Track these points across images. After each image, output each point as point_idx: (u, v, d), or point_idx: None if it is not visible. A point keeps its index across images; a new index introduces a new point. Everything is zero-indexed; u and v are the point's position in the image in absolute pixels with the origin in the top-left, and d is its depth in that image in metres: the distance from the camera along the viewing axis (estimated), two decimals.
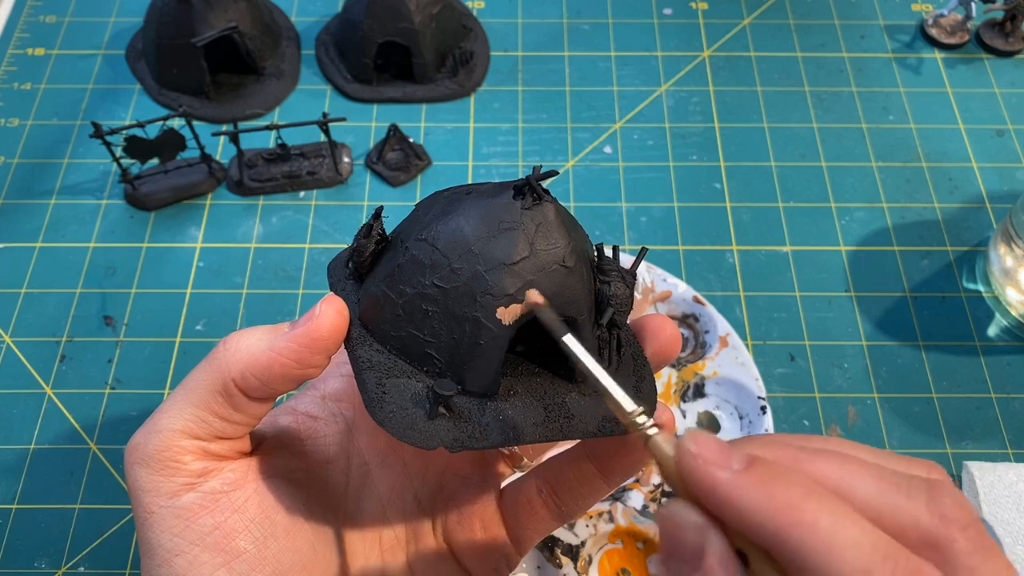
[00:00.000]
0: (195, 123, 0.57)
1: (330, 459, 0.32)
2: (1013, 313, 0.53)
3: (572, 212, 0.58)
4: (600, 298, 0.28)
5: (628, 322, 0.30)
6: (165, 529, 0.27)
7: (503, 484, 0.34)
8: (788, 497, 0.20)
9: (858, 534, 0.20)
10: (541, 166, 0.27)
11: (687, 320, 0.52)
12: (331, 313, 0.27)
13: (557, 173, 0.27)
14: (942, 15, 0.67)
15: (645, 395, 0.28)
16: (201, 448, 0.28)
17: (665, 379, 0.50)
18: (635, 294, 0.29)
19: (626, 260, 0.53)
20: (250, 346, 0.27)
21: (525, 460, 0.35)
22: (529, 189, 0.27)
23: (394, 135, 0.60)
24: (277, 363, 0.27)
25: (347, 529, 0.32)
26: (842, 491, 0.21)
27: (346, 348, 0.28)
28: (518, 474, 0.34)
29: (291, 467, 0.30)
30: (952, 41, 0.67)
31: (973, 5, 0.65)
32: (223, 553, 0.27)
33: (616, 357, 0.29)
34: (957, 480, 0.48)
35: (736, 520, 0.21)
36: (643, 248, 0.30)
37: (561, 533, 0.44)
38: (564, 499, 0.32)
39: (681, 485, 0.22)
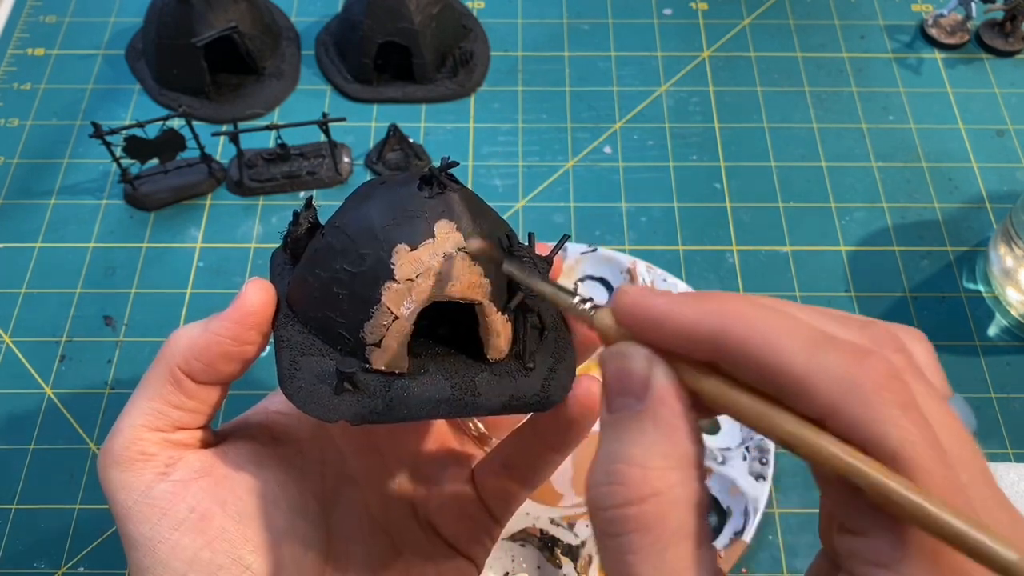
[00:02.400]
0: (195, 123, 0.57)
1: (303, 449, 0.32)
2: (1013, 313, 0.53)
3: (572, 212, 0.58)
4: (509, 283, 0.29)
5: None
6: (143, 520, 0.28)
7: (475, 464, 0.36)
8: (725, 302, 0.21)
9: (795, 322, 0.20)
10: (447, 157, 0.29)
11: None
12: (256, 290, 0.29)
13: (457, 164, 0.29)
14: (942, 15, 0.67)
15: (558, 378, 0.30)
16: (164, 439, 0.29)
17: None
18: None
19: (626, 259, 0.53)
20: (189, 332, 0.29)
21: (493, 439, 0.37)
22: (433, 179, 0.28)
23: (394, 135, 0.60)
24: (214, 342, 0.29)
25: (328, 513, 0.32)
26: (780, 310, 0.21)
27: (272, 329, 0.29)
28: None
29: (261, 453, 0.31)
30: (952, 41, 0.67)
31: (973, 5, 0.65)
32: (203, 534, 0.28)
33: (535, 339, 0.30)
34: None
35: (677, 333, 0.21)
36: (564, 235, 0.31)
37: (561, 533, 0.44)
38: (525, 471, 0.34)
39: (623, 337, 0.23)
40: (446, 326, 0.30)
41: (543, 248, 0.32)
